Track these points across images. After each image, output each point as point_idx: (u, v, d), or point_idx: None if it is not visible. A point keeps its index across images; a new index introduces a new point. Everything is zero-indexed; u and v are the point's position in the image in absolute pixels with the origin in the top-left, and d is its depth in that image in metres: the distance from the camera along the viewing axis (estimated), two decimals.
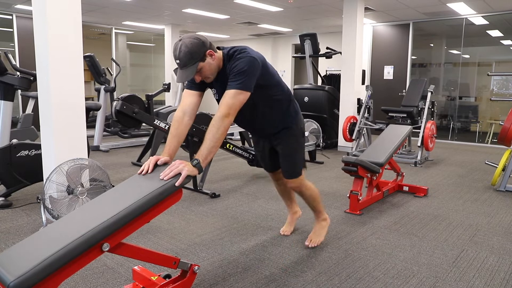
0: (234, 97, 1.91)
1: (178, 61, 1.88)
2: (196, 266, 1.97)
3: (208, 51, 1.91)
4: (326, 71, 9.29)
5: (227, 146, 4.19)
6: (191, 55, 1.85)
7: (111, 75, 7.19)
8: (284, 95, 2.29)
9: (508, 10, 7.16)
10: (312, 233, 2.69)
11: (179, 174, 1.72)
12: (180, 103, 2.09)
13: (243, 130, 4.97)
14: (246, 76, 1.93)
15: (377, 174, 3.52)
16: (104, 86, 6.52)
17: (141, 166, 1.91)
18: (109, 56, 9.74)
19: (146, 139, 6.72)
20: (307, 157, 5.61)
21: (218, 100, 2.12)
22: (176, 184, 1.69)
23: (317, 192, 2.60)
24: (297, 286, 2.12)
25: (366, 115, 6.20)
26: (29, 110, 5.43)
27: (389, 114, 6.08)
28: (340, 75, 6.90)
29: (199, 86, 2.08)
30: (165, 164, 1.87)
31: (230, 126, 1.96)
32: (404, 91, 7.40)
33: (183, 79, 1.89)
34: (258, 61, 1.99)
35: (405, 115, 5.91)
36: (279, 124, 2.33)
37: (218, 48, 2.04)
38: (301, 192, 2.51)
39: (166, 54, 10.03)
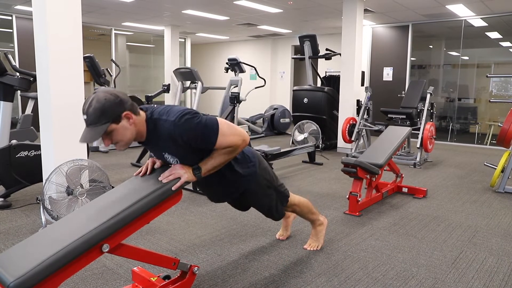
0: (224, 141, 1.73)
1: (85, 117, 1.57)
2: (196, 267, 1.97)
3: (126, 113, 1.61)
4: (326, 72, 9.29)
5: None
6: (102, 113, 1.56)
7: (111, 76, 7.19)
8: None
9: (507, 12, 7.18)
10: (310, 239, 2.67)
11: (179, 177, 1.73)
12: None
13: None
14: (203, 126, 1.68)
15: (376, 175, 3.52)
16: (103, 87, 6.52)
17: (140, 167, 1.90)
18: (108, 57, 9.74)
19: None
20: (306, 158, 5.61)
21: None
22: (173, 188, 1.71)
23: (308, 203, 2.50)
24: (296, 287, 2.12)
25: (365, 116, 6.21)
26: (28, 110, 5.43)
27: (388, 116, 6.08)
28: (339, 77, 6.91)
29: None
30: (163, 166, 1.88)
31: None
32: (403, 92, 7.42)
33: (87, 139, 1.58)
34: (189, 110, 1.70)
35: (404, 117, 5.92)
36: (235, 186, 2.03)
37: (141, 109, 1.74)
38: (293, 211, 2.47)
39: (166, 55, 10.05)
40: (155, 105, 1.80)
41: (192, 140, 1.69)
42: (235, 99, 6.91)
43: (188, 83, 8.36)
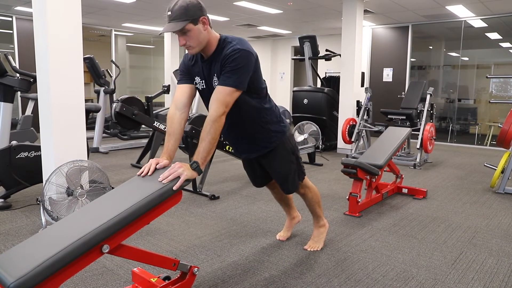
0: (228, 95, 1.86)
1: (169, 13, 1.80)
2: (196, 268, 1.97)
3: (203, 17, 1.84)
4: (326, 73, 9.30)
5: (227, 148, 4.19)
6: (185, 11, 1.78)
7: (111, 77, 7.19)
8: (270, 108, 2.15)
9: (507, 12, 7.19)
10: (310, 240, 2.68)
11: (178, 177, 1.73)
12: (173, 98, 2.07)
13: None
14: (242, 74, 1.88)
15: (376, 176, 3.52)
16: (103, 88, 6.52)
17: (140, 168, 1.90)
18: (108, 58, 9.75)
19: (145, 141, 6.71)
20: (306, 159, 5.61)
21: (202, 91, 2.04)
22: (174, 187, 1.70)
23: (319, 195, 2.58)
24: None
25: (365, 117, 6.21)
26: (28, 111, 5.43)
27: (388, 116, 6.09)
28: (339, 77, 6.91)
29: (189, 78, 2.04)
30: (165, 167, 1.87)
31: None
32: (403, 93, 7.42)
33: (168, 29, 1.81)
34: (254, 56, 1.93)
35: (404, 117, 5.92)
36: (264, 142, 2.19)
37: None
38: (304, 194, 2.50)
39: (166, 56, 10.05)
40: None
41: (229, 63, 1.85)
42: None
43: None
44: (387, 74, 8.77)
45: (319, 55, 7.09)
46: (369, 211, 3.49)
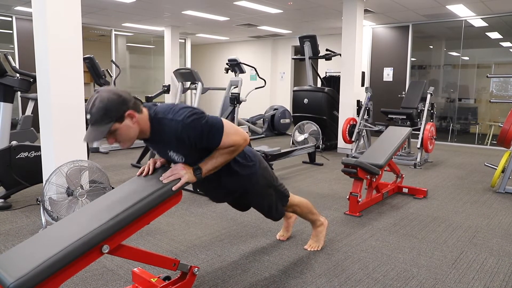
0: (228, 140, 1.75)
1: (88, 116, 1.58)
2: (196, 268, 1.97)
3: (129, 112, 1.62)
4: (326, 73, 9.30)
5: None
6: (105, 113, 1.56)
7: (111, 77, 7.20)
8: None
9: (507, 12, 7.18)
10: (310, 239, 2.67)
11: (179, 178, 1.73)
12: None
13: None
14: (210, 127, 1.71)
15: (376, 176, 3.52)
16: (104, 86, 6.51)
17: (140, 168, 1.90)
18: (108, 58, 9.74)
19: None
20: (306, 159, 5.61)
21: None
22: (173, 188, 1.71)
23: (308, 204, 2.52)
24: None
25: (365, 117, 6.21)
26: (28, 111, 5.42)
27: (389, 116, 6.08)
28: (339, 77, 6.91)
29: None
30: (163, 166, 1.88)
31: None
32: (403, 93, 7.42)
33: (91, 139, 1.59)
34: (192, 108, 1.71)
35: (404, 117, 5.92)
36: (236, 187, 2.04)
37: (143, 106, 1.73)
38: (294, 212, 2.48)
39: (166, 56, 10.05)
40: (156, 103, 1.81)
41: (197, 140, 1.71)
42: (235, 100, 6.92)
43: (188, 83, 8.36)
44: (388, 74, 8.77)
45: (319, 55, 7.09)
46: (370, 210, 3.48)
